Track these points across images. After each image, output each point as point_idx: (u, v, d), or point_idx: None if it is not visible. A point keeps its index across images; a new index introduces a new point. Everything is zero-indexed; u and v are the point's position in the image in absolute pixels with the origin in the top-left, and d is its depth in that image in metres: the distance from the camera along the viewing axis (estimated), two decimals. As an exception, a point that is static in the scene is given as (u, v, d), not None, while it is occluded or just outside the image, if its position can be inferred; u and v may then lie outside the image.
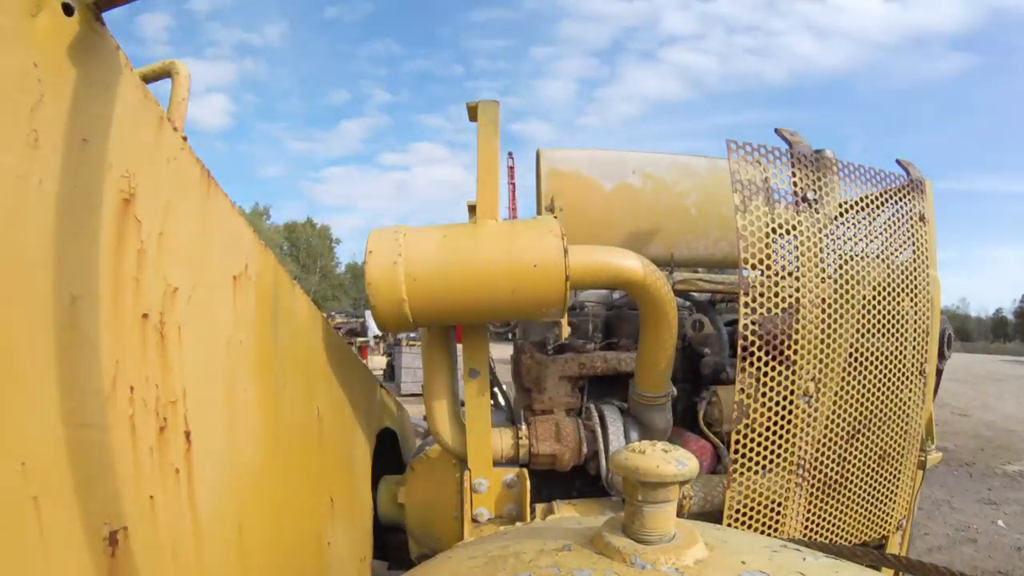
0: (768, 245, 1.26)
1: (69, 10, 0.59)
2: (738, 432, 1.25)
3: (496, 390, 1.99)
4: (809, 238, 1.30)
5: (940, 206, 1.60)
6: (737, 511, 1.29)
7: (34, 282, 0.57)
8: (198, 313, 0.81)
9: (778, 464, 1.29)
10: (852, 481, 1.38)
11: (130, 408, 0.67)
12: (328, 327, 1.30)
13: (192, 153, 0.80)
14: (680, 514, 0.84)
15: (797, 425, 1.28)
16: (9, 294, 0.54)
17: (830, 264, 1.34)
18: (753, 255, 1.24)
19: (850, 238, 1.37)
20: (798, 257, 1.29)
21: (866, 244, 1.39)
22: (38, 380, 0.57)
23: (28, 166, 0.55)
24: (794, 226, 1.30)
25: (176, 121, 1.44)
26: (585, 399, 1.53)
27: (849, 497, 1.38)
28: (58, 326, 0.58)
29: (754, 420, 1.25)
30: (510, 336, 2.52)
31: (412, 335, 10.44)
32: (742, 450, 1.25)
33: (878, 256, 1.40)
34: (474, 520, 1.32)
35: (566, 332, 1.74)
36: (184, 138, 0.79)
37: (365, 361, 8.35)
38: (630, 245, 1.33)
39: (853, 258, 1.36)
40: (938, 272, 1.57)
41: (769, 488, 1.29)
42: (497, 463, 1.37)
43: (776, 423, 1.27)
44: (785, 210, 1.30)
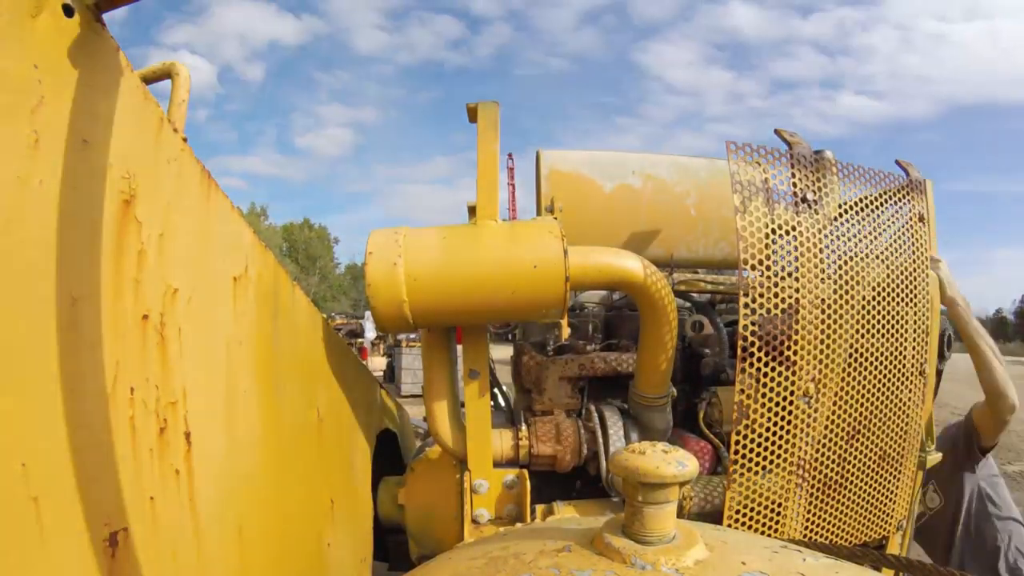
0: (768, 246, 1.26)
1: (69, 11, 0.59)
2: (738, 433, 1.25)
3: (496, 391, 1.99)
4: (809, 239, 1.31)
5: (940, 207, 1.60)
6: (737, 512, 1.29)
7: (34, 283, 0.57)
8: (198, 314, 0.81)
9: (778, 465, 1.29)
10: (852, 481, 1.38)
11: (130, 409, 0.67)
12: (328, 328, 1.30)
13: (192, 154, 0.80)
14: (680, 515, 0.84)
15: (797, 426, 1.28)
16: (9, 295, 0.54)
17: (830, 264, 1.34)
18: (753, 256, 1.24)
19: (850, 238, 1.37)
20: (798, 258, 1.29)
21: (866, 245, 1.39)
22: (39, 381, 0.57)
23: (28, 167, 0.55)
24: (794, 227, 1.30)
25: (176, 122, 1.44)
26: (585, 400, 1.53)
27: (849, 497, 1.38)
28: (58, 327, 0.58)
29: (754, 421, 1.25)
30: (510, 337, 2.52)
31: (412, 336, 10.44)
32: (742, 451, 1.25)
33: (878, 256, 1.40)
34: (474, 521, 1.32)
35: (566, 333, 1.74)
36: (184, 139, 0.79)
37: (365, 362, 8.34)
38: (630, 246, 1.33)
39: (853, 258, 1.36)
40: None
41: (769, 489, 1.29)
42: (497, 464, 1.37)
43: (776, 424, 1.27)
44: (785, 211, 1.30)
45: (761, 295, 1.24)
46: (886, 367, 1.39)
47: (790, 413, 1.27)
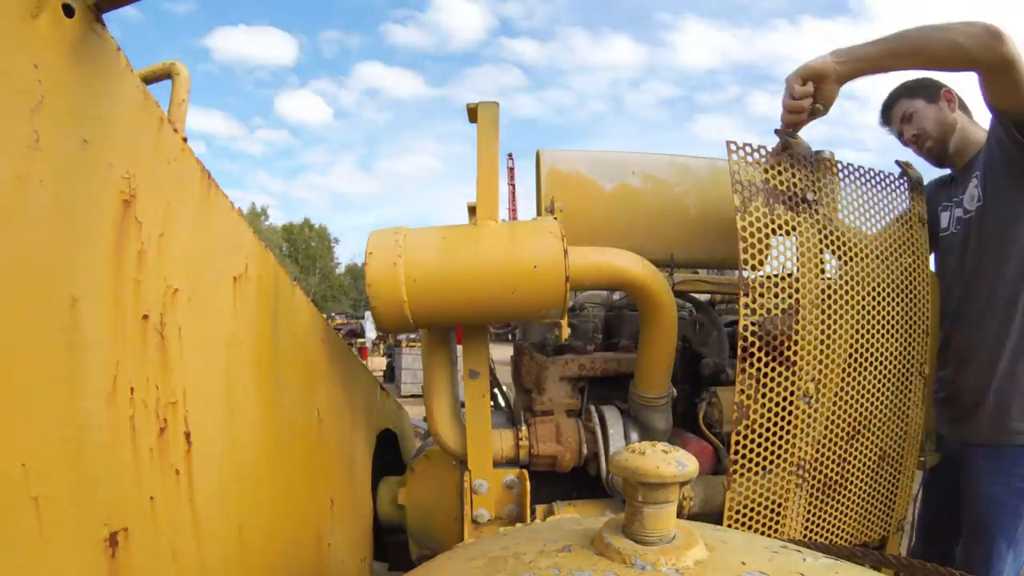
0: (768, 246, 1.26)
1: (70, 11, 0.59)
2: (738, 433, 1.25)
3: (496, 391, 1.99)
4: (809, 239, 1.31)
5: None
6: (737, 512, 1.29)
7: (34, 283, 0.57)
8: (199, 314, 0.81)
9: (778, 465, 1.29)
10: (852, 482, 1.38)
11: (130, 409, 0.67)
12: (328, 328, 1.30)
13: (192, 154, 0.80)
14: (680, 515, 0.84)
15: (797, 426, 1.28)
16: (9, 295, 0.54)
17: (830, 264, 1.34)
18: (753, 256, 1.24)
19: (850, 238, 1.37)
20: (798, 257, 1.29)
21: (866, 244, 1.39)
22: (39, 381, 0.57)
23: (28, 167, 0.55)
24: (794, 227, 1.30)
25: (176, 122, 1.44)
26: (585, 400, 1.53)
27: (849, 497, 1.38)
28: (59, 327, 0.58)
29: (754, 421, 1.25)
30: (510, 337, 2.52)
31: (412, 336, 10.44)
32: (742, 451, 1.25)
33: (878, 256, 1.40)
34: (474, 521, 1.32)
35: (566, 333, 1.74)
36: (184, 139, 0.79)
37: (365, 362, 8.34)
38: (630, 246, 1.33)
39: (853, 258, 1.36)
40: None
41: (769, 489, 1.29)
42: (497, 464, 1.37)
43: (776, 424, 1.27)
44: (785, 211, 1.30)
45: (761, 295, 1.24)
46: (886, 367, 1.39)
47: (790, 413, 1.27)
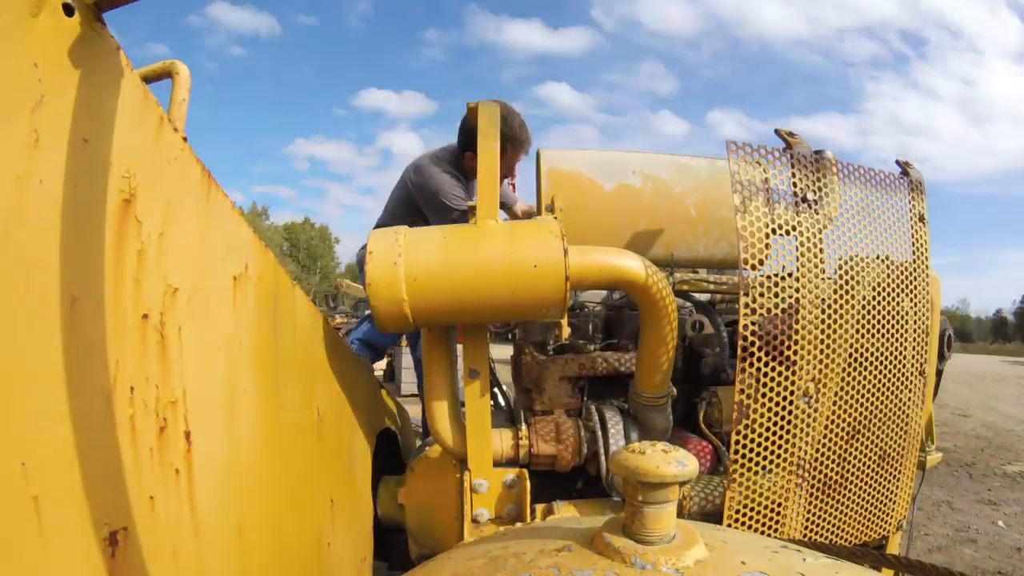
0: (768, 246, 1.26)
1: (70, 10, 0.59)
2: (738, 433, 1.25)
3: (496, 390, 1.99)
4: (809, 238, 1.31)
5: (942, 207, 1.60)
6: (737, 511, 1.29)
7: (34, 282, 0.57)
8: (198, 313, 0.81)
9: (778, 464, 1.29)
10: (852, 481, 1.38)
11: (130, 408, 0.67)
12: (328, 327, 1.30)
13: (192, 154, 0.80)
14: (680, 515, 0.84)
15: (797, 425, 1.28)
16: (9, 294, 0.54)
17: (830, 264, 1.34)
18: (753, 255, 1.24)
19: (850, 238, 1.37)
20: (798, 257, 1.29)
21: (866, 244, 1.39)
22: (39, 381, 0.57)
23: (28, 166, 0.55)
24: (794, 227, 1.30)
25: (176, 121, 1.44)
26: (585, 399, 1.53)
27: (849, 497, 1.38)
28: (58, 327, 0.58)
29: (754, 420, 1.25)
30: (510, 336, 2.52)
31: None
32: (742, 451, 1.25)
33: (878, 256, 1.40)
34: (474, 520, 1.32)
35: (566, 332, 1.74)
36: (184, 138, 0.79)
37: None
38: (630, 245, 1.33)
39: (853, 258, 1.36)
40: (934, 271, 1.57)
41: (769, 488, 1.29)
42: (497, 463, 1.37)
43: (776, 423, 1.27)
44: (785, 211, 1.30)
45: (761, 295, 1.24)
46: (886, 367, 1.39)
47: (790, 413, 1.27)
